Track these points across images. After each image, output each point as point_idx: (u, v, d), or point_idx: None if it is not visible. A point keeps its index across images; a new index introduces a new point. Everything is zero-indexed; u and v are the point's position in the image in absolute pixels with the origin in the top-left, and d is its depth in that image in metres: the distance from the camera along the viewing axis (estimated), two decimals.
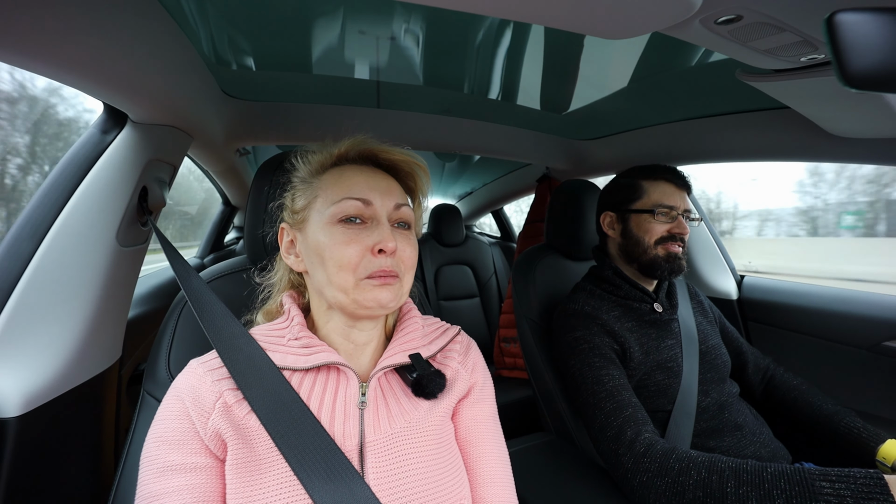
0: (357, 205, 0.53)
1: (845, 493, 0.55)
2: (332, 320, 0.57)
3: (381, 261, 0.52)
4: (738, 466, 0.64)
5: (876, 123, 0.81)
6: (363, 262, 0.52)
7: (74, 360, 0.69)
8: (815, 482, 0.57)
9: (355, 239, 0.52)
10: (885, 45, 0.32)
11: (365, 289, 0.52)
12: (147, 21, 0.64)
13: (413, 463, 0.51)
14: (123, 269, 0.79)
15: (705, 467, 0.66)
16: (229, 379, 0.52)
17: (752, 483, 0.61)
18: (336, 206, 0.53)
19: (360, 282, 0.52)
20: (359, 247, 0.52)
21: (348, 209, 0.53)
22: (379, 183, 0.56)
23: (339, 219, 0.53)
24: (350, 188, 0.54)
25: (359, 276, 0.52)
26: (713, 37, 0.49)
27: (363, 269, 0.52)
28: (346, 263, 0.51)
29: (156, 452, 0.48)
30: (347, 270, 0.52)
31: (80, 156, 0.72)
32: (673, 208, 0.96)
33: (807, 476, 0.59)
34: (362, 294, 0.52)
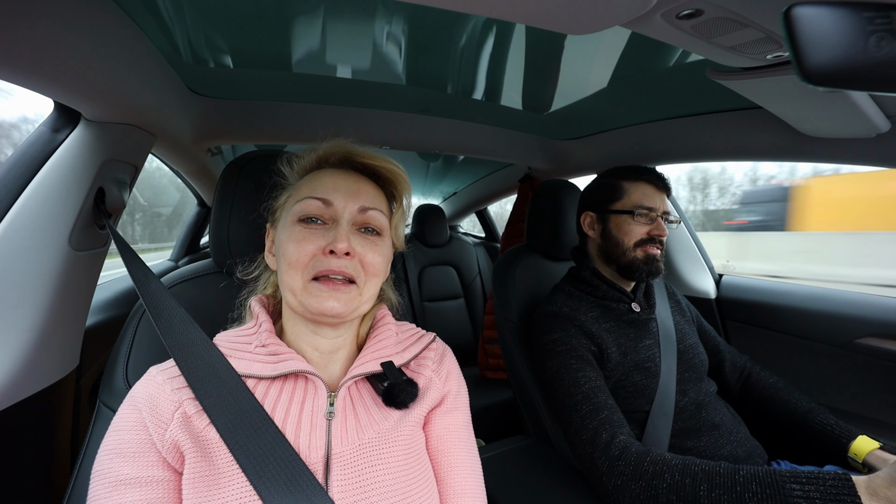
0: (317, 204, 0.52)
1: (815, 496, 0.55)
2: (297, 324, 0.56)
3: (331, 261, 0.50)
4: (711, 469, 0.64)
5: (845, 123, 0.82)
6: (312, 262, 0.50)
7: (25, 369, 0.65)
8: (785, 484, 0.57)
9: (310, 238, 0.51)
10: (843, 40, 0.31)
11: (312, 292, 0.50)
12: (99, 17, 0.61)
13: (380, 475, 0.50)
14: (78, 273, 0.75)
15: (678, 471, 0.66)
16: (189, 388, 0.49)
17: (725, 486, 0.61)
18: (298, 204, 0.53)
19: (308, 283, 0.50)
20: (312, 246, 0.50)
21: (308, 208, 0.52)
22: (348, 185, 0.55)
23: (299, 217, 0.52)
24: (314, 188, 0.53)
25: (306, 276, 0.50)
26: (677, 32, 0.48)
27: (311, 269, 0.50)
28: (296, 262, 0.50)
29: (109, 465, 0.45)
30: (296, 269, 0.50)
31: (29, 155, 0.68)
32: (652, 209, 0.96)
33: (777, 478, 0.58)
34: (309, 298, 0.50)
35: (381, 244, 0.55)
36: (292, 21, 0.77)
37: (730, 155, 1.18)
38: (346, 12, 0.75)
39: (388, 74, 1.04)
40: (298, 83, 1.09)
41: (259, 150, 0.75)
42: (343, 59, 0.95)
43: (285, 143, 1.37)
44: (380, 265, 0.54)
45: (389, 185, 0.60)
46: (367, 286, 0.53)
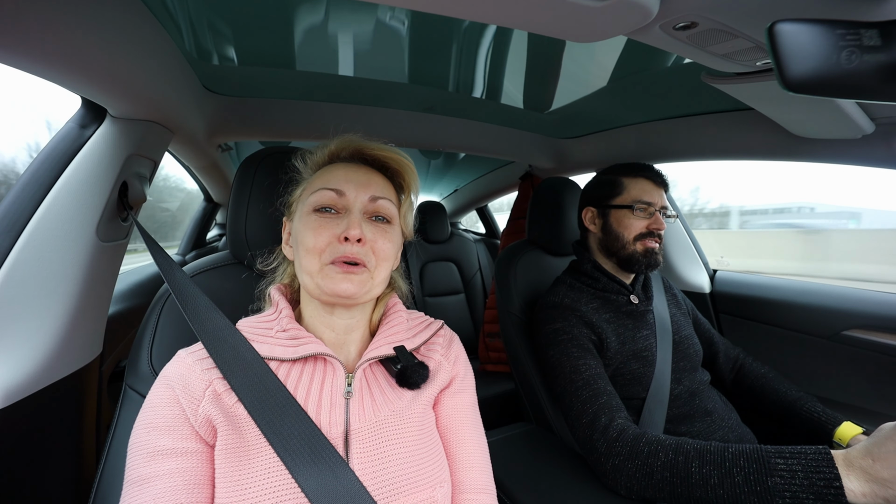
0: (330, 195, 0.56)
1: (796, 468, 0.59)
2: (314, 308, 0.59)
3: (345, 247, 0.54)
4: (702, 448, 0.68)
5: (832, 125, 0.87)
6: (329, 248, 0.54)
7: (55, 355, 0.69)
8: (770, 459, 0.62)
9: (325, 226, 0.55)
10: (819, 53, 0.35)
11: (328, 275, 0.54)
12: (127, 15, 0.64)
13: (396, 449, 0.54)
14: (104, 264, 0.79)
15: (672, 449, 0.70)
16: (217, 368, 0.53)
17: (714, 462, 0.65)
18: (314, 195, 0.57)
19: (325, 267, 0.54)
20: (327, 233, 0.54)
21: (322, 199, 0.56)
22: (359, 176, 0.58)
23: (314, 208, 0.56)
24: (328, 180, 0.57)
25: (323, 261, 0.54)
26: (674, 42, 0.52)
27: (328, 255, 0.54)
28: (313, 248, 0.54)
29: (146, 438, 0.49)
30: (313, 255, 0.54)
31: (59, 150, 0.72)
32: (651, 204, 1.00)
33: (763, 454, 0.63)
34: (325, 281, 0.54)
35: (390, 231, 0.59)
36: (301, 21, 0.81)
37: (724, 154, 1.23)
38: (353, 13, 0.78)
39: (392, 73, 1.07)
40: (306, 82, 1.12)
41: (273, 147, 0.78)
42: (348, 58, 0.98)
43: (292, 140, 1.40)
44: (390, 251, 0.58)
45: (398, 176, 0.64)
46: (377, 270, 0.57)
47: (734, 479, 0.63)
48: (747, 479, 0.62)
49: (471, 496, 0.59)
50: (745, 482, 0.61)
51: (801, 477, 0.58)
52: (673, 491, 0.68)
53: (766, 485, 0.60)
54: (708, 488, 0.64)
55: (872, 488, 0.55)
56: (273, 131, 1.28)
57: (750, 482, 0.61)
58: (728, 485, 0.63)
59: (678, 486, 0.67)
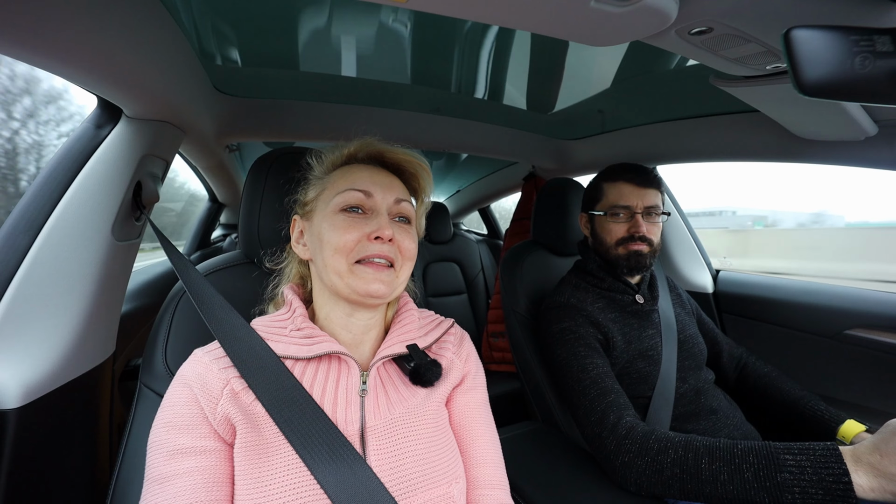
0: (359, 195, 0.57)
1: (805, 464, 0.60)
2: (333, 308, 0.60)
3: (376, 246, 0.55)
4: (712, 444, 0.69)
5: (836, 127, 0.88)
6: (358, 247, 0.55)
7: (71, 354, 0.69)
8: (779, 455, 0.62)
9: (354, 226, 0.55)
10: (833, 59, 0.37)
11: (358, 275, 0.54)
12: (145, 16, 0.65)
13: (411, 446, 0.54)
14: (118, 263, 0.79)
15: (682, 446, 0.71)
16: (234, 367, 0.53)
17: (724, 459, 0.66)
18: (340, 195, 0.57)
19: (354, 266, 0.55)
20: (357, 233, 0.55)
21: (350, 199, 0.57)
22: (382, 178, 0.60)
23: (341, 208, 0.57)
24: (354, 181, 0.58)
25: (351, 260, 0.55)
26: (688, 46, 0.53)
27: (357, 253, 0.55)
28: (342, 247, 0.54)
29: (165, 437, 0.49)
30: (342, 254, 0.55)
31: (75, 150, 0.72)
32: (628, 208, 0.99)
33: (772, 450, 0.64)
34: (356, 281, 0.54)
35: (412, 231, 0.61)
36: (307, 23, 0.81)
37: (728, 156, 1.24)
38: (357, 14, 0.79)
39: (395, 74, 1.08)
40: (312, 83, 1.13)
41: (283, 147, 0.78)
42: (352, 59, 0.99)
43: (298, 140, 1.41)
44: (413, 250, 0.60)
45: (413, 180, 0.65)
46: (402, 269, 0.58)
47: (744, 475, 0.63)
48: (757, 475, 0.62)
49: (486, 492, 0.59)
50: (755, 478, 0.62)
51: (809, 472, 0.59)
52: (683, 487, 0.69)
53: (776, 480, 0.61)
54: (718, 484, 0.65)
55: (881, 483, 0.55)
56: (280, 132, 1.29)
57: (760, 478, 0.62)
58: (738, 481, 0.63)
59: (688, 483, 0.68)
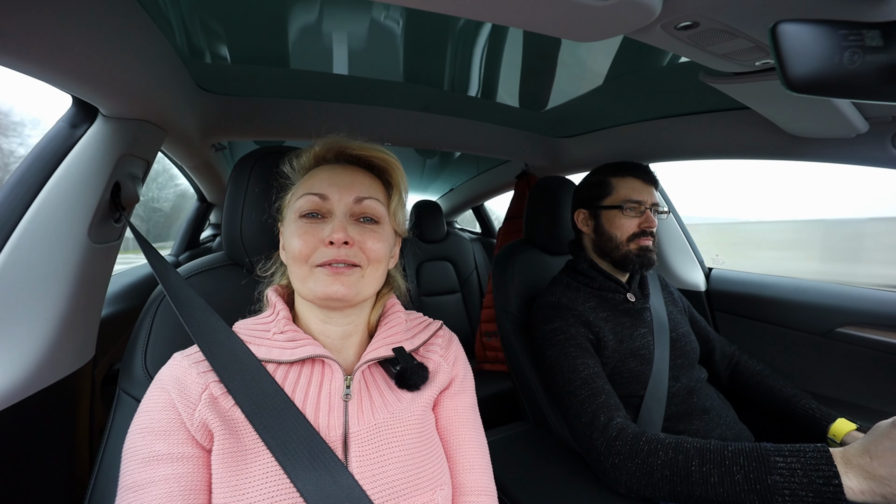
0: (314, 200, 0.56)
1: (796, 466, 0.59)
2: (308, 314, 0.59)
3: (331, 251, 0.53)
4: (702, 446, 0.69)
5: (827, 124, 0.87)
6: (315, 254, 0.54)
7: (47, 359, 0.68)
8: (770, 457, 0.62)
9: (310, 231, 0.54)
10: (821, 54, 0.35)
11: (318, 278, 0.53)
12: (119, 14, 0.63)
13: (395, 452, 0.53)
14: (96, 266, 0.77)
15: (672, 448, 0.70)
16: (214, 371, 0.52)
17: (714, 461, 0.66)
18: (298, 201, 0.56)
19: (313, 270, 0.54)
20: (312, 239, 0.54)
21: (306, 205, 0.56)
22: (342, 178, 0.57)
23: (300, 214, 0.56)
24: (312, 185, 0.57)
25: (310, 265, 0.54)
26: (675, 41, 0.52)
27: (315, 259, 0.54)
28: (299, 254, 0.54)
29: (141, 443, 0.48)
30: (301, 261, 0.54)
31: (49, 150, 0.70)
32: (641, 203, 1.00)
33: (762, 452, 0.63)
34: (316, 285, 0.53)
35: (379, 231, 0.57)
36: (296, 19, 0.80)
37: (719, 153, 1.23)
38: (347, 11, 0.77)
39: (387, 72, 1.06)
40: (301, 81, 1.11)
41: (268, 146, 0.77)
42: (343, 56, 0.97)
43: (287, 139, 1.39)
44: (380, 251, 0.57)
45: (384, 174, 0.62)
46: (369, 270, 0.56)
47: (734, 478, 0.63)
48: (747, 477, 0.62)
49: (471, 498, 0.58)
50: (745, 480, 0.62)
51: (800, 475, 0.59)
52: (673, 489, 0.68)
53: (766, 483, 0.60)
54: (708, 486, 0.64)
55: (871, 486, 0.55)
56: (268, 130, 1.27)
57: (750, 480, 0.62)
58: (728, 483, 0.63)
59: (678, 485, 0.67)
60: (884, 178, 5.01)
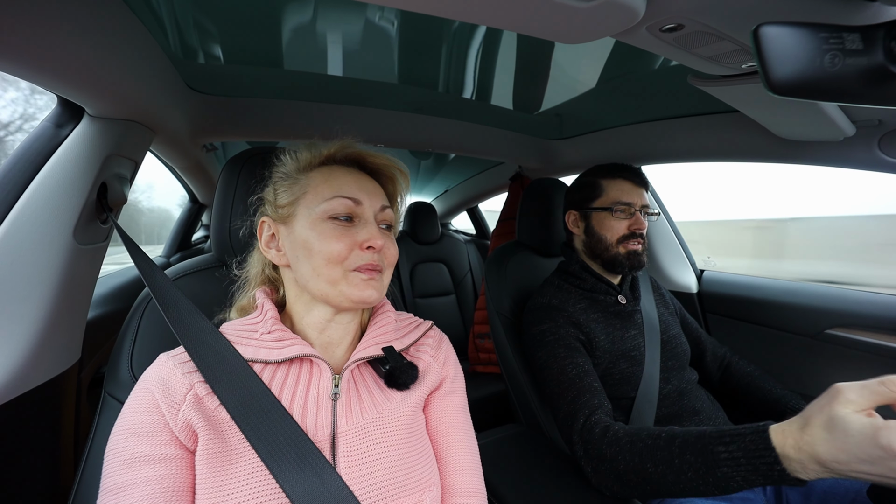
0: (348, 203, 0.56)
1: (738, 455, 0.57)
2: (312, 313, 0.58)
3: (368, 255, 0.55)
4: (653, 445, 0.67)
5: (814, 128, 0.88)
6: (352, 256, 0.55)
7: (31, 362, 0.67)
8: (713, 448, 0.60)
9: (345, 234, 0.55)
10: (803, 56, 0.36)
11: (353, 283, 0.55)
12: (105, 13, 0.62)
13: (383, 452, 0.53)
14: (82, 267, 0.76)
15: (628, 451, 0.70)
16: (199, 372, 0.52)
17: (666, 461, 0.65)
18: (327, 203, 0.55)
19: (348, 273, 0.54)
20: (349, 242, 0.54)
21: (339, 207, 0.55)
22: (367, 185, 0.59)
23: (329, 215, 0.55)
24: (340, 187, 0.56)
25: (346, 267, 0.54)
26: (661, 43, 0.52)
27: (351, 262, 0.55)
28: (336, 257, 0.54)
29: (123, 444, 0.47)
30: (336, 263, 0.54)
31: (33, 150, 0.69)
32: (630, 205, 1.01)
33: (706, 443, 0.61)
34: (351, 289, 0.54)
35: (392, 237, 0.61)
36: (288, 20, 0.79)
37: (710, 156, 1.24)
38: (339, 11, 0.77)
39: (381, 73, 1.06)
40: (293, 81, 1.11)
41: (258, 146, 0.76)
42: (337, 57, 0.97)
43: (279, 140, 1.39)
44: (396, 255, 0.60)
45: (390, 184, 0.64)
46: (386, 273, 0.58)
47: (686, 476, 0.63)
48: (697, 473, 0.62)
49: (461, 500, 0.58)
50: (697, 476, 0.62)
51: (744, 463, 0.57)
52: (644, 489, 0.68)
53: (716, 475, 0.60)
54: (668, 484, 0.65)
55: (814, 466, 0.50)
56: (259, 131, 1.26)
57: (700, 475, 0.61)
58: (684, 481, 0.63)
59: (647, 485, 0.67)
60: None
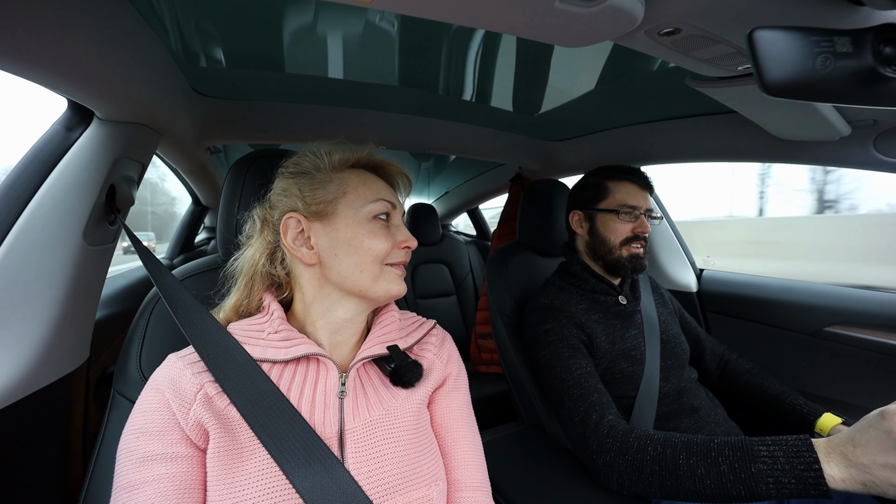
0: (389, 206, 0.61)
1: (778, 454, 0.61)
2: (335, 311, 0.60)
3: (403, 254, 0.62)
4: (689, 440, 0.70)
5: (810, 128, 0.90)
6: (392, 253, 0.60)
7: (41, 361, 0.68)
8: (753, 447, 0.64)
9: (389, 234, 0.60)
10: (796, 59, 0.37)
11: (391, 278, 0.60)
12: (115, 17, 0.64)
13: (391, 448, 0.54)
14: (91, 268, 0.77)
15: (660, 443, 0.72)
16: (209, 372, 0.53)
17: (701, 453, 0.67)
18: (372, 204, 0.59)
19: (385, 269, 0.60)
20: (392, 241, 0.60)
21: (381, 208, 0.60)
22: (391, 190, 0.64)
23: (374, 215, 0.59)
24: (379, 191, 0.61)
25: (384, 262, 0.59)
26: (659, 47, 0.54)
27: (388, 259, 0.60)
28: (381, 254, 0.59)
29: (135, 443, 0.48)
30: (379, 260, 0.58)
31: (44, 153, 0.70)
32: (636, 208, 1.02)
33: (746, 443, 0.65)
34: (390, 284, 0.60)
35: None
36: (290, 23, 0.81)
37: (709, 156, 1.26)
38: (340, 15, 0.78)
39: (382, 76, 1.07)
40: (295, 84, 1.12)
41: (264, 149, 0.78)
42: (338, 60, 0.99)
43: (281, 143, 1.40)
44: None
45: (397, 189, 0.68)
46: None
47: (720, 468, 0.64)
48: (732, 466, 0.63)
49: (466, 494, 0.59)
50: (731, 470, 0.63)
51: (782, 462, 0.60)
52: (662, 484, 0.69)
53: (751, 471, 0.62)
54: (695, 479, 0.66)
55: (851, 473, 0.56)
56: (263, 134, 1.27)
57: (735, 469, 0.63)
58: (714, 474, 0.64)
59: (667, 479, 0.68)
60: None
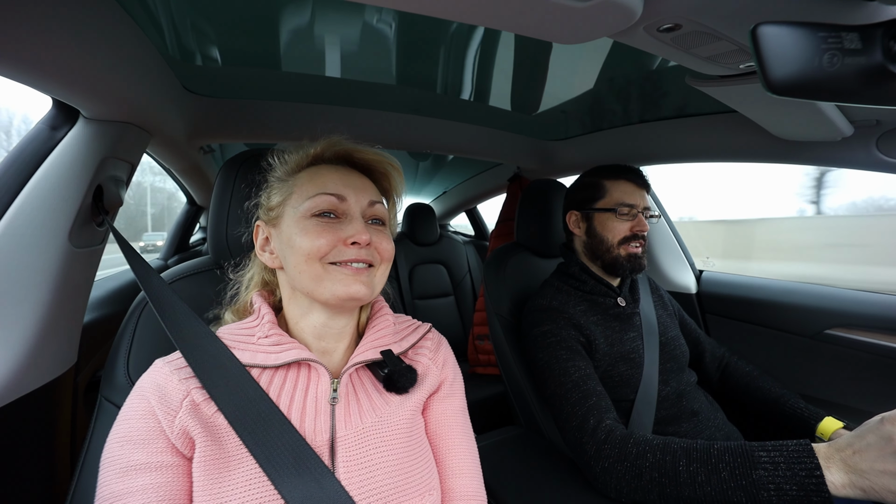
0: (331, 200, 0.55)
1: (779, 460, 0.60)
2: (307, 315, 0.58)
3: (353, 251, 0.54)
4: (689, 446, 0.69)
5: (813, 128, 0.88)
6: (333, 252, 0.53)
7: (26, 366, 0.66)
8: (754, 452, 0.63)
9: (327, 230, 0.53)
10: (801, 56, 0.35)
11: (337, 278, 0.53)
12: (100, 15, 0.62)
13: (383, 456, 0.52)
14: (77, 270, 0.76)
15: (659, 449, 0.70)
16: (196, 378, 0.51)
17: (701, 459, 0.66)
18: (310, 200, 0.55)
19: (328, 268, 0.53)
20: (331, 238, 0.53)
21: (322, 204, 0.54)
22: (353, 181, 0.58)
23: (312, 213, 0.54)
24: (324, 184, 0.56)
25: (324, 263, 0.53)
26: (658, 43, 0.52)
27: (332, 258, 0.53)
28: (315, 252, 0.53)
29: (119, 452, 0.47)
30: (314, 259, 0.53)
31: (28, 153, 0.69)
32: (633, 206, 1.01)
33: (747, 449, 0.64)
34: (335, 285, 0.53)
35: (387, 233, 0.60)
36: (285, 21, 0.79)
37: (708, 156, 1.24)
38: (337, 13, 0.77)
39: (378, 74, 1.06)
40: (290, 83, 1.10)
41: (255, 148, 0.76)
42: (335, 59, 0.97)
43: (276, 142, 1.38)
44: (391, 251, 0.59)
45: (384, 180, 0.63)
46: (381, 269, 0.57)
47: (720, 475, 0.63)
48: (733, 473, 0.62)
49: (461, 503, 0.58)
50: (731, 476, 0.62)
51: (783, 468, 0.59)
52: (662, 491, 0.68)
53: (752, 478, 0.61)
54: (696, 486, 0.65)
55: (851, 478, 0.55)
56: (257, 133, 1.25)
57: (736, 476, 0.62)
58: (715, 481, 0.63)
59: (667, 486, 0.67)
60: None
